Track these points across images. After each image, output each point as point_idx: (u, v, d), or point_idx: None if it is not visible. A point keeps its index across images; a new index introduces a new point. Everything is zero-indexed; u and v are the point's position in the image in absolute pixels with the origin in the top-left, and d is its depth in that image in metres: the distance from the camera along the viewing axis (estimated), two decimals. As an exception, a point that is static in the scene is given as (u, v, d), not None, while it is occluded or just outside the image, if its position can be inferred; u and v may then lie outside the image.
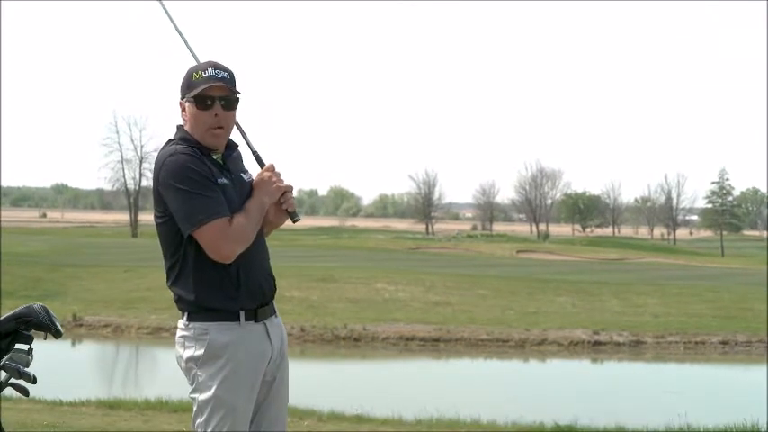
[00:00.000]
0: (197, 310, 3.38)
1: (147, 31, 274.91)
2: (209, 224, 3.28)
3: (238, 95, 3.46)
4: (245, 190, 3.48)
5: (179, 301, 3.44)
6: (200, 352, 3.35)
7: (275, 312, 3.54)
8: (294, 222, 3.57)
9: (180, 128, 3.50)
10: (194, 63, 3.54)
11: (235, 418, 3.33)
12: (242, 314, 3.38)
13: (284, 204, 3.50)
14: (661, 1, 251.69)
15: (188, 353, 3.38)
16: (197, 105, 3.41)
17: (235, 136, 3.58)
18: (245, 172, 3.55)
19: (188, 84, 3.44)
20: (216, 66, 3.45)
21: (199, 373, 3.35)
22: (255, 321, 3.41)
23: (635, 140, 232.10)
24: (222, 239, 3.29)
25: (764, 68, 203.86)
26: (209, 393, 3.32)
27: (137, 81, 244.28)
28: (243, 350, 3.35)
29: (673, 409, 15.20)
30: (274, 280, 3.57)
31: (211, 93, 3.40)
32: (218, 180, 3.39)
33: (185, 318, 3.42)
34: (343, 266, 39.11)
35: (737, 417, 11.91)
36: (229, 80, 3.44)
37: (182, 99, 3.47)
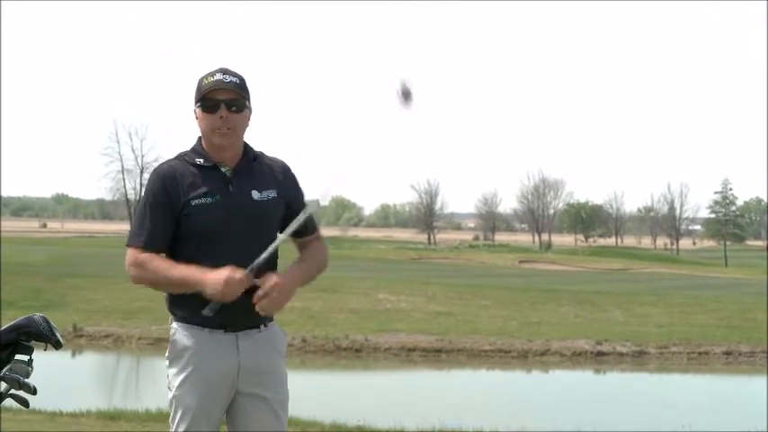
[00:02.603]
0: (172, 311, 3.50)
1: (148, 40, 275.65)
2: (128, 248, 3.44)
3: (246, 99, 3.46)
4: (249, 208, 3.40)
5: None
6: (168, 352, 3.48)
7: (259, 327, 3.45)
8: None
9: (199, 138, 3.54)
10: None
11: (191, 420, 3.36)
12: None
13: (259, 304, 3.36)
14: (663, 8, 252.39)
15: (167, 352, 3.51)
16: (203, 109, 3.42)
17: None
18: (264, 190, 3.44)
19: (197, 89, 3.45)
20: (225, 71, 3.45)
21: (169, 371, 3.46)
22: (225, 331, 3.40)
23: (638, 150, 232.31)
24: (128, 265, 3.44)
25: (767, 78, 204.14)
26: (172, 393, 3.42)
27: (137, 90, 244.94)
28: (202, 355, 3.38)
29: (676, 420, 15.15)
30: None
31: (216, 96, 3.40)
32: (193, 201, 3.36)
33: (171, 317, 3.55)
34: (344, 277, 39.02)
35: (740, 427, 11.87)
36: (237, 84, 3.43)
37: (194, 106, 3.48)
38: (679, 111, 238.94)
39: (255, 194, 3.42)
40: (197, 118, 3.47)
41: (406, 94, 3.30)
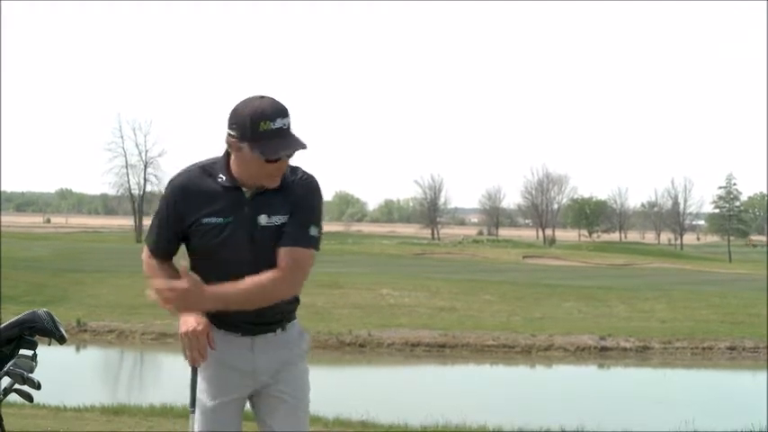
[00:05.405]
0: None
1: (152, 35, 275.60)
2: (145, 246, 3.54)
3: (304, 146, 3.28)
4: (254, 232, 3.29)
5: None
6: None
7: (275, 331, 3.42)
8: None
9: (227, 153, 3.31)
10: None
11: (203, 418, 3.38)
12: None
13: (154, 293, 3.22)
14: (667, 6, 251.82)
15: None
16: (265, 159, 3.21)
17: None
18: (274, 214, 3.30)
19: (252, 131, 3.16)
20: (281, 112, 3.19)
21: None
22: (242, 335, 3.39)
23: (642, 145, 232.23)
24: (143, 259, 3.55)
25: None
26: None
27: (141, 85, 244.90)
28: (219, 356, 3.37)
29: (680, 415, 15.13)
30: (279, 312, 3.40)
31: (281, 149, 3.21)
32: (204, 219, 3.29)
33: None
34: (348, 272, 39.06)
35: (744, 422, 11.85)
36: (290, 127, 3.23)
37: (237, 139, 3.18)
38: (683, 106, 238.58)
39: (263, 219, 3.31)
40: (234, 148, 3.22)
41: None
